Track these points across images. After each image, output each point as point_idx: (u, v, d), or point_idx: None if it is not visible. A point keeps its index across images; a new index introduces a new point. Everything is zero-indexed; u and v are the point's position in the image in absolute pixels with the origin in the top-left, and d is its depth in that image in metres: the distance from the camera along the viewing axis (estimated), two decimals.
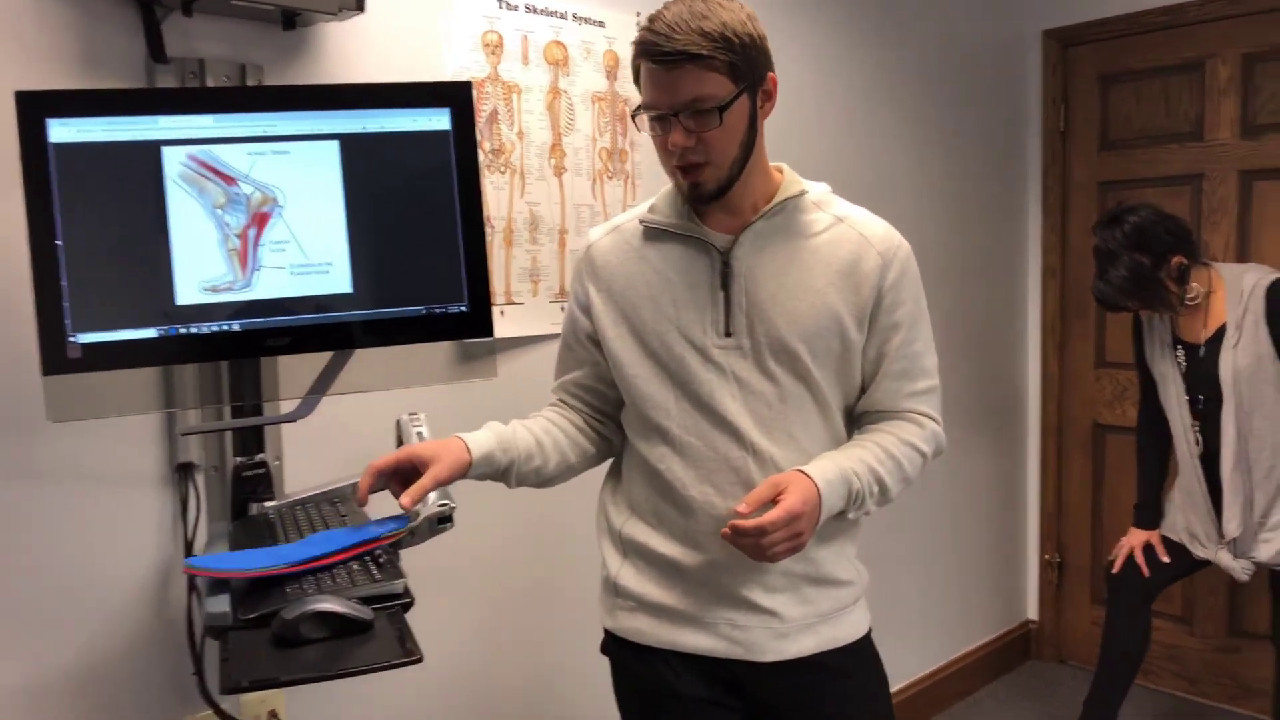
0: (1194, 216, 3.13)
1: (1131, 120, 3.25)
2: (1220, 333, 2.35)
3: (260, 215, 1.37)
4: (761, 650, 1.41)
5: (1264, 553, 2.35)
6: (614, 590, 1.48)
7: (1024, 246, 3.50)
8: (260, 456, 1.59)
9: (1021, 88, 3.43)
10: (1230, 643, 3.14)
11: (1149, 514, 2.59)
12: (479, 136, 1.91)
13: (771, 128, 1.39)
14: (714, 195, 1.33)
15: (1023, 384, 3.53)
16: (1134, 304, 2.37)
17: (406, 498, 1.27)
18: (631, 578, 1.45)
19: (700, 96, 1.26)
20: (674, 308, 1.38)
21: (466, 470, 1.35)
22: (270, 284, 1.38)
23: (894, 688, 3.04)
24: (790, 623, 1.41)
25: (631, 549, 1.46)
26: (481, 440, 1.36)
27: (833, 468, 1.32)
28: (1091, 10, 3.25)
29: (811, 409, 1.39)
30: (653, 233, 1.41)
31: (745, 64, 1.28)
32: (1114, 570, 2.58)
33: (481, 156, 1.93)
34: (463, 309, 1.44)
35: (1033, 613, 3.60)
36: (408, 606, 1.30)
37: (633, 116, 1.33)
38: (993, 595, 3.46)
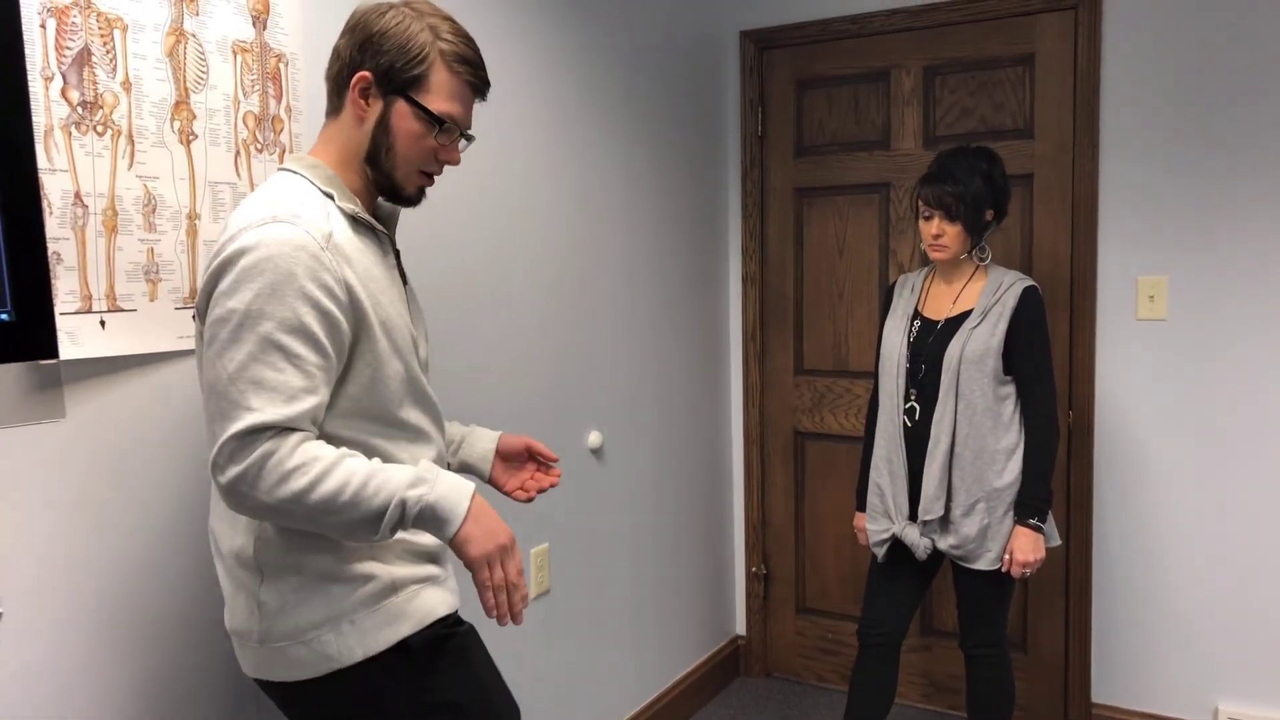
0: (882, 225, 3.18)
1: (824, 126, 3.24)
2: (964, 316, 2.36)
3: None
4: None
5: (943, 541, 2.36)
6: (429, 558, 1.40)
7: (725, 253, 3.41)
8: None
9: (721, 90, 3.33)
10: (922, 642, 3.21)
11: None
12: (61, 82, 1.40)
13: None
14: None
15: (726, 393, 3.44)
16: (963, 212, 2.32)
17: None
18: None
19: None
20: (403, 305, 1.37)
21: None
22: None
23: None
24: None
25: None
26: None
27: None
28: (786, 13, 3.21)
29: None
30: (355, 226, 1.35)
31: None
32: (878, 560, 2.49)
33: (65, 110, 1.41)
34: (3, 318, 0.95)
35: (741, 628, 3.51)
36: None
37: (440, 125, 1.35)
38: (703, 614, 3.32)
